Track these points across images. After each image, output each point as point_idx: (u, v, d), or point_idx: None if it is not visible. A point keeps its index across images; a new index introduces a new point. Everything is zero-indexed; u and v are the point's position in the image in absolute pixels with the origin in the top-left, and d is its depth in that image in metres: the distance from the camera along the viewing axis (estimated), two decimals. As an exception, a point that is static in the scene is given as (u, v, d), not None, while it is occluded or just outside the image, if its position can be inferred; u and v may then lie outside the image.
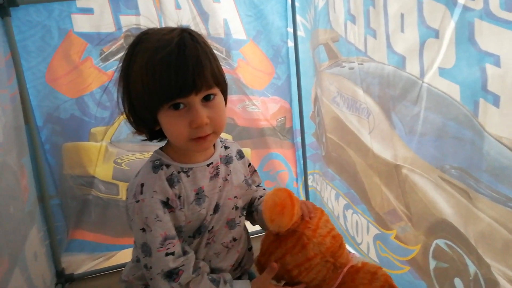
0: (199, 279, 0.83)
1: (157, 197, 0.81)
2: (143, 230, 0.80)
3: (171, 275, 0.80)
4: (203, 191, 0.87)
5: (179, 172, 0.86)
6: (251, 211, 1.02)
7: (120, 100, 0.84)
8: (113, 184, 1.67)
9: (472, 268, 1.05)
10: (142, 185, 0.82)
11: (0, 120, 1.15)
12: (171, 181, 0.83)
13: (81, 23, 1.49)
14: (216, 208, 0.90)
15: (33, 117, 1.49)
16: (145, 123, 0.84)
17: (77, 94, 1.55)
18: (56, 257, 1.60)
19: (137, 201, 0.81)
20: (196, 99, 0.77)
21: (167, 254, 0.80)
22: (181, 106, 0.77)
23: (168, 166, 0.85)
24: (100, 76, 1.55)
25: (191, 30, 0.81)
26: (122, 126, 1.60)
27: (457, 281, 1.11)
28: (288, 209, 0.84)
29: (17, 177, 1.26)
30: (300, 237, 0.87)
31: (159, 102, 0.77)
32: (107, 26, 1.51)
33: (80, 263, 1.70)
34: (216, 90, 0.81)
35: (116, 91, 0.84)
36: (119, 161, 1.66)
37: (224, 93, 0.86)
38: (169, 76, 0.74)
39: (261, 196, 1.00)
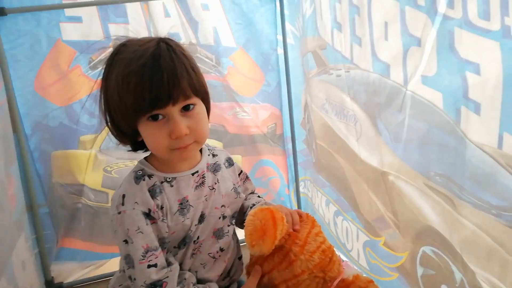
0: None
1: (138, 209, 0.80)
2: (126, 241, 0.80)
3: (155, 287, 0.79)
4: (187, 201, 0.85)
5: (162, 182, 0.84)
6: (243, 220, 0.99)
7: (102, 113, 0.83)
8: (102, 192, 1.67)
9: (458, 275, 1.05)
10: (123, 196, 0.81)
11: (-14, 130, 1.15)
12: (153, 192, 0.82)
13: (70, 32, 1.49)
14: (201, 218, 0.88)
15: (21, 126, 1.49)
16: (127, 135, 0.83)
17: (66, 102, 1.55)
18: (45, 266, 1.59)
19: (119, 213, 0.80)
20: (174, 110, 0.76)
21: (149, 266, 0.79)
22: (160, 117, 0.76)
23: (150, 176, 0.84)
24: (89, 84, 1.55)
25: (169, 39, 0.80)
26: (110, 134, 1.60)
27: (444, 288, 1.11)
28: (269, 234, 0.80)
29: (4, 186, 1.25)
30: (287, 254, 0.85)
31: (136, 115, 0.76)
32: (96, 34, 1.51)
33: (70, 272, 1.69)
34: (195, 100, 0.79)
35: (98, 103, 0.83)
36: (108, 169, 1.66)
37: (206, 102, 0.84)
38: (143, 88, 0.73)
39: (253, 204, 0.98)
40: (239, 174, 1.02)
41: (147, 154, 0.90)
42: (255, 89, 1.88)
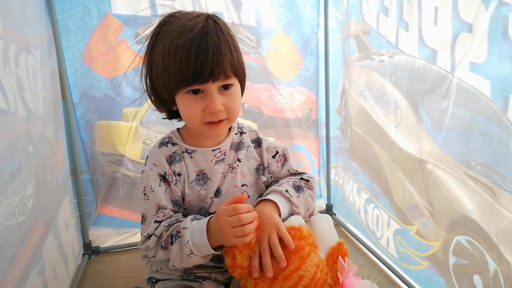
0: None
1: (155, 170, 0.88)
2: (142, 198, 0.89)
3: (150, 236, 0.87)
4: (204, 173, 0.91)
5: (183, 152, 0.91)
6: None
7: (143, 78, 0.89)
8: (141, 163, 1.72)
9: (492, 266, 1.04)
10: (147, 157, 0.92)
11: (41, 94, 1.21)
12: (172, 159, 0.90)
13: (119, 5, 1.54)
14: (217, 193, 0.92)
15: (69, 94, 1.55)
16: (164, 103, 0.89)
17: (112, 75, 1.60)
18: (84, 229, 1.67)
19: (142, 172, 0.91)
20: (213, 87, 0.80)
21: (156, 222, 0.86)
22: (199, 91, 0.81)
23: (174, 144, 0.92)
24: (134, 58, 1.59)
25: (216, 17, 0.84)
26: (152, 108, 1.65)
27: (476, 278, 1.10)
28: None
29: (54, 149, 1.32)
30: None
31: (178, 86, 0.81)
32: (143, 9, 1.56)
33: (106, 237, 1.76)
34: (233, 80, 0.84)
35: (141, 69, 0.88)
36: (148, 141, 1.72)
37: (242, 83, 0.89)
38: (188, 62, 0.77)
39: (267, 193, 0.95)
40: (273, 156, 1.02)
41: (181, 124, 0.96)
42: (293, 73, 1.89)
